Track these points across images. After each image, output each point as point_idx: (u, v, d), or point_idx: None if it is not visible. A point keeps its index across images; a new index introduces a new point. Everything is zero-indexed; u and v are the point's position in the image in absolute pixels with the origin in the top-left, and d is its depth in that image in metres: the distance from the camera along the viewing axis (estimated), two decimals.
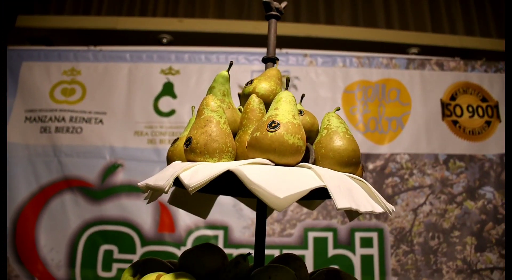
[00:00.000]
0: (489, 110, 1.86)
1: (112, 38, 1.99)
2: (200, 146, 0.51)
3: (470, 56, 2.02)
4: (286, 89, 0.59)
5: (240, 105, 0.66)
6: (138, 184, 0.53)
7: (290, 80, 1.81)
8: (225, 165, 0.47)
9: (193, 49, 1.86)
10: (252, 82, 0.60)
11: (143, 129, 1.74)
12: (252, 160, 0.48)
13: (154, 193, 0.60)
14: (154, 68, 1.82)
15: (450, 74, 1.89)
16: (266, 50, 0.66)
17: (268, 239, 1.63)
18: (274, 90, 0.59)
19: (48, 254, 1.60)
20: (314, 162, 0.53)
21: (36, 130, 1.73)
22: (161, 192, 0.50)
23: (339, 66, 1.86)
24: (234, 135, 0.57)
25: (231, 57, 1.84)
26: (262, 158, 0.49)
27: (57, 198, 1.66)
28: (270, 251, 1.60)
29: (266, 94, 0.59)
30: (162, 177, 0.50)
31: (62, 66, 1.82)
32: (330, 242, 1.65)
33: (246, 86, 0.61)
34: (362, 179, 0.53)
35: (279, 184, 0.42)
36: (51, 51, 1.84)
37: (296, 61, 1.86)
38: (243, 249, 1.60)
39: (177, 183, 0.53)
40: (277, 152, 0.48)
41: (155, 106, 1.78)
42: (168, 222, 1.64)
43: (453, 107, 1.85)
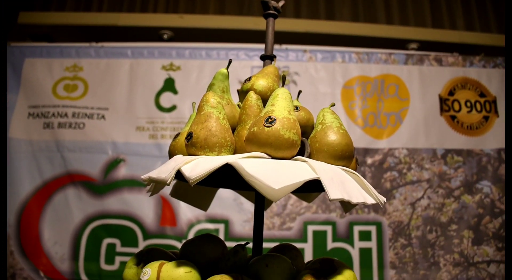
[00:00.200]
0: (487, 105, 1.88)
1: (113, 35, 2.00)
2: (200, 141, 0.53)
3: (469, 51, 2.03)
4: (282, 86, 0.62)
5: (239, 101, 0.68)
6: (142, 177, 0.55)
7: (286, 77, 1.82)
8: (224, 158, 0.50)
9: (193, 45, 1.87)
10: (250, 79, 0.63)
11: (145, 124, 1.76)
12: (249, 153, 0.51)
13: (156, 185, 0.63)
14: (155, 64, 1.84)
15: (449, 69, 1.90)
16: (264, 48, 0.68)
17: (268, 233, 1.66)
18: (272, 87, 0.61)
19: (52, 247, 1.63)
20: (309, 156, 0.55)
21: (39, 126, 1.75)
22: (163, 184, 0.52)
23: (338, 62, 1.87)
24: (233, 130, 0.59)
25: (232, 53, 1.86)
26: (259, 151, 0.51)
27: (60, 193, 1.68)
28: (270, 244, 1.62)
29: (264, 90, 0.61)
30: (164, 170, 0.52)
31: (64, 62, 1.83)
32: (329, 235, 1.67)
33: (244, 83, 0.63)
34: (355, 172, 0.55)
35: (275, 176, 0.45)
36: (53, 48, 1.86)
37: (295, 57, 1.87)
38: (244, 242, 1.62)
39: (178, 177, 0.56)
40: (273, 146, 0.50)
41: (157, 102, 1.80)
42: (169, 216, 1.66)
43: (451, 102, 1.87)
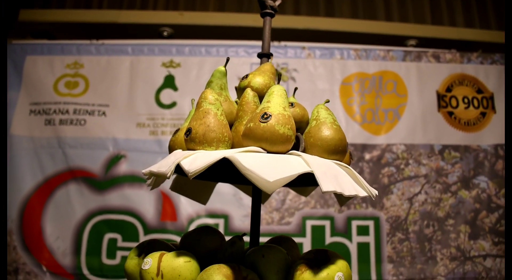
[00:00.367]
0: (484, 101, 1.89)
1: (113, 32, 2.01)
2: (199, 136, 0.55)
3: (468, 48, 2.04)
4: (278, 83, 0.64)
5: (237, 97, 0.70)
6: (143, 171, 0.57)
7: (285, 74, 1.84)
8: (221, 153, 0.52)
9: (193, 42, 1.89)
10: (247, 76, 0.65)
11: (145, 121, 1.78)
12: (246, 148, 0.53)
13: (157, 179, 0.65)
14: (156, 61, 1.85)
15: (446, 66, 1.92)
16: (261, 46, 0.70)
17: (267, 227, 1.68)
18: (268, 84, 0.63)
19: (54, 242, 1.64)
20: (303, 150, 0.57)
21: (40, 123, 1.76)
22: (163, 178, 0.54)
23: (337, 59, 1.89)
24: (231, 126, 0.61)
25: (231, 50, 1.87)
26: (255, 146, 0.53)
27: (62, 189, 1.69)
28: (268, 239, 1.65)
29: (260, 87, 0.63)
30: (164, 164, 0.54)
31: (65, 59, 1.85)
32: (328, 230, 1.69)
33: (242, 80, 0.65)
34: (348, 166, 0.57)
35: (270, 169, 0.47)
36: (54, 45, 1.87)
37: (294, 53, 1.89)
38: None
39: (178, 171, 0.58)
40: (268, 141, 0.52)
41: (157, 99, 1.81)
42: (170, 211, 1.68)
43: (448, 99, 1.88)
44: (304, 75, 1.85)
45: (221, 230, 1.66)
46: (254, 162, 0.48)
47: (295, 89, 0.72)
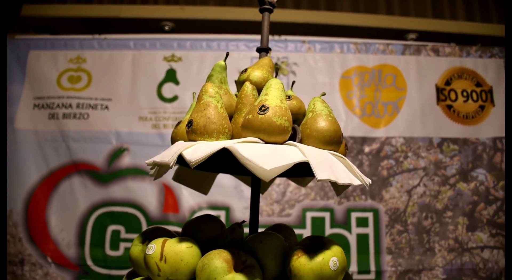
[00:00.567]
0: (483, 94, 1.90)
1: (115, 26, 2.02)
2: (200, 128, 0.57)
3: (468, 41, 2.04)
4: (276, 76, 0.66)
5: (237, 91, 0.73)
6: (146, 161, 0.60)
7: (285, 67, 1.85)
8: (221, 143, 0.54)
9: (194, 36, 1.89)
10: (246, 70, 0.67)
11: (147, 114, 1.79)
12: (244, 138, 0.55)
13: (160, 170, 0.67)
14: (157, 55, 1.86)
15: (445, 59, 1.93)
16: (260, 41, 0.72)
17: (267, 219, 1.70)
18: (266, 77, 0.66)
19: (58, 234, 1.67)
20: (300, 141, 0.60)
21: (44, 117, 1.78)
22: (166, 168, 0.56)
23: (337, 52, 1.90)
24: (231, 118, 0.64)
25: (232, 44, 1.88)
26: (253, 137, 0.56)
27: (66, 181, 1.72)
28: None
29: (259, 81, 0.65)
30: (167, 154, 0.56)
31: (68, 54, 1.86)
32: (327, 221, 1.71)
33: (241, 74, 0.68)
34: (343, 157, 0.59)
35: (267, 158, 0.49)
36: (57, 40, 1.88)
37: (294, 47, 1.90)
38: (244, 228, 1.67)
39: (180, 162, 0.60)
40: (266, 132, 0.55)
41: (159, 92, 1.83)
42: (172, 203, 1.71)
43: (447, 92, 1.90)
44: (304, 69, 1.87)
45: (222, 221, 1.68)
46: (252, 151, 0.50)
47: (293, 82, 0.75)
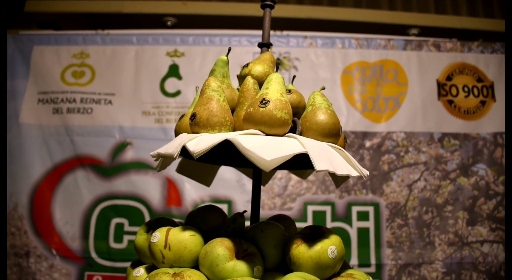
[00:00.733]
0: (484, 90, 1.91)
1: (118, 22, 2.03)
2: (203, 120, 0.59)
3: (470, 37, 2.04)
4: (276, 71, 0.67)
5: (239, 85, 0.74)
6: (151, 153, 0.62)
7: (287, 62, 1.86)
8: (223, 135, 0.56)
9: (197, 32, 1.90)
10: (248, 65, 0.69)
11: (151, 109, 1.81)
12: (246, 131, 0.57)
13: (164, 161, 0.69)
14: (160, 50, 1.87)
15: (447, 55, 1.93)
16: (261, 36, 0.74)
17: (269, 212, 1.72)
18: (267, 72, 0.67)
19: (63, 227, 1.69)
20: (300, 134, 0.61)
21: (48, 111, 1.80)
22: (170, 159, 0.58)
23: (338, 48, 1.91)
24: (233, 111, 0.66)
25: (234, 39, 1.89)
26: (254, 129, 0.57)
27: (70, 175, 1.74)
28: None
29: (260, 75, 0.67)
30: (171, 146, 0.58)
31: (72, 49, 1.87)
32: (328, 215, 1.73)
33: (243, 69, 0.69)
34: (342, 149, 0.61)
35: (267, 149, 0.51)
36: (61, 35, 1.90)
37: (296, 43, 1.91)
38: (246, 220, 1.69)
39: (184, 154, 0.62)
40: (267, 124, 0.57)
41: (162, 87, 1.84)
42: (175, 196, 1.73)
43: (449, 87, 1.90)
44: (306, 64, 1.87)
45: None
46: (253, 143, 0.52)
47: (293, 77, 0.76)
